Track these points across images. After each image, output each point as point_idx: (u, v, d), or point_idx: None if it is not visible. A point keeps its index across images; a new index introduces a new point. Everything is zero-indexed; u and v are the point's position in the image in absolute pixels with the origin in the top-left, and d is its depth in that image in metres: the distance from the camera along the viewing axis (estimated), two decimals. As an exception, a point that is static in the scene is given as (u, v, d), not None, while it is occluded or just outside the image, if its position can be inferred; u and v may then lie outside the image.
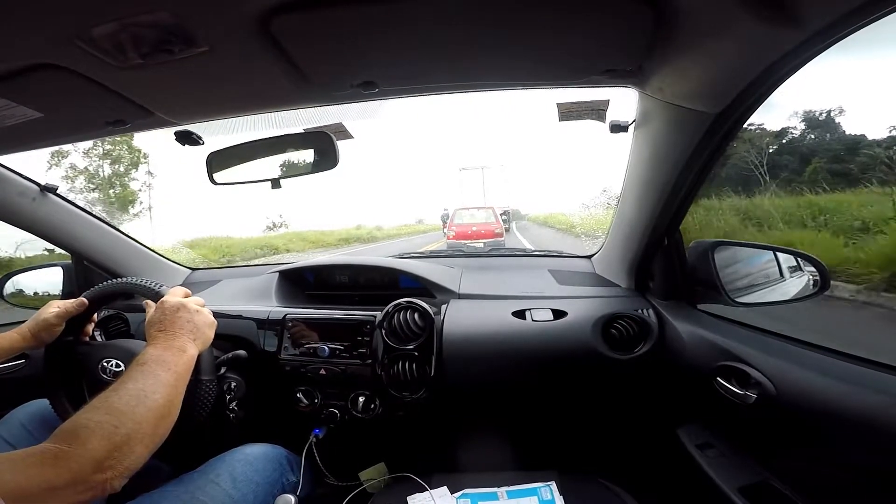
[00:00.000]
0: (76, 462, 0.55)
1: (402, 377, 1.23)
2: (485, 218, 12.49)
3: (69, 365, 1.06)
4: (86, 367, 1.04)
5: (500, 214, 13.44)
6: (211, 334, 0.92)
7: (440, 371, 1.22)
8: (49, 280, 1.63)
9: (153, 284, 1.01)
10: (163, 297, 0.92)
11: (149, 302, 0.94)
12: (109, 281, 1.07)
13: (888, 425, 0.66)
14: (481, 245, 10.48)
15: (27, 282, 1.64)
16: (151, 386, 0.69)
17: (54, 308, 1.03)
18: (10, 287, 1.58)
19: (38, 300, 1.62)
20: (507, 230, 15.68)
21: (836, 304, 2.30)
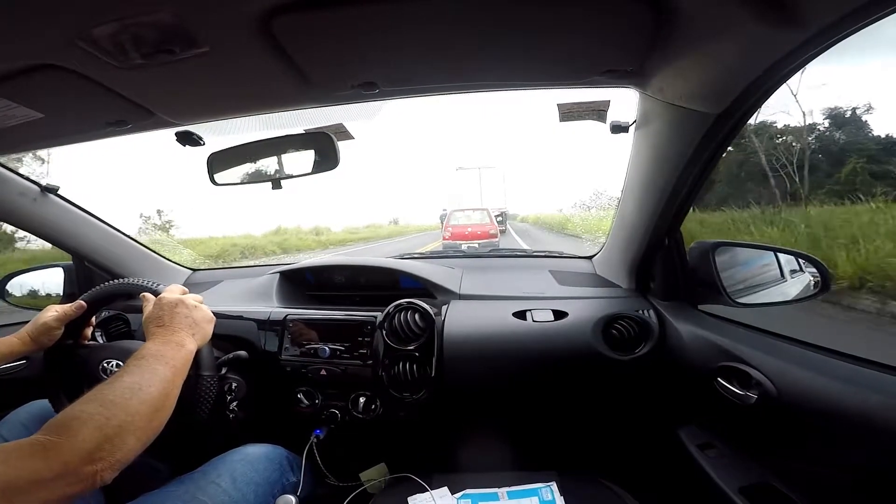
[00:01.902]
0: (66, 453, 0.54)
1: (402, 378, 1.23)
2: (480, 219, 12.58)
3: (70, 367, 1.06)
4: (86, 368, 1.03)
5: (496, 216, 13.53)
6: (210, 329, 0.92)
7: (441, 372, 1.22)
8: (50, 281, 1.63)
9: (150, 284, 1.01)
10: (161, 294, 0.92)
11: (147, 296, 0.93)
12: (107, 283, 1.07)
13: (888, 425, 0.66)
14: (476, 245, 10.58)
15: (28, 282, 1.64)
16: (147, 379, 0.68)
17: (52, 312, 1.02)
18: (10, 287, 1.58)
19: (39, 301, 1.63)
20: (504, 231, 15.68)
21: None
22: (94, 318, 1.13)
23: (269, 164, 1.17)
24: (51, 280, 1.63)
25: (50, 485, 0.52)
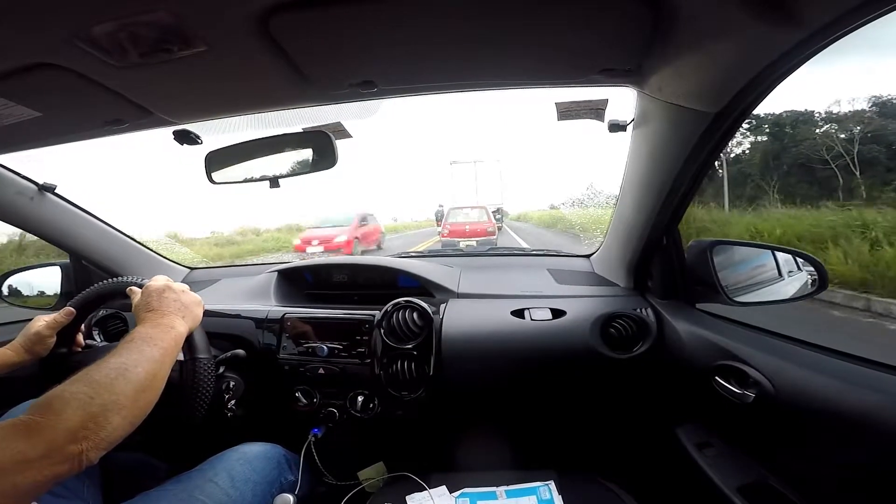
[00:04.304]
0: (49, 432, 0.54)
1: (400, 376, 1.23)
2: (478, 217, 12.80)
3: (68, 370, 1.05)
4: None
5: (493, 213, 13.63)
6: (199, 312, 0.93)
7: (439, 370, 1.22)
8: (47, 280, 1.62)
9: (135, 279, 1.00)
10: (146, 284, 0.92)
11: (134, 290, 0.93)
12: (93, 286, 1.06)
13: (886, 425, 0.66)
14: (474, 243, 10.80)
15: (25, 281, 1.63)
16: (134, 360, 0.69)
17: (42, 321, 1.01)
18: (8, 286, 1.58)
19: (37, 300, 1.62)
20: (500, 229, 15.71)
21: None
22: (84, 325, 1.13)
23: (267, 163, 1.17)
24: (48, 279, 1.62)
25: (36, 464, 0.52)
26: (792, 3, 0.53)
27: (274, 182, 1.18)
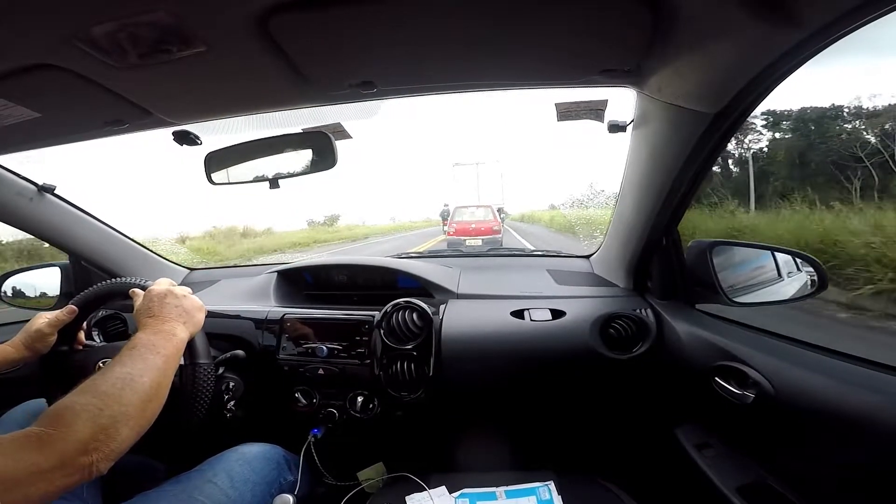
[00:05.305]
0: (61, 444, 0.55)
1: (400, 377, 1.23)
2: (483, 216, 12.97)
3: (67, 370, 1.05)
4: (84, 370, 1.03)
5: (496, 211, 13.77)
6: (201, 317, 0.92)
7: (438, 371, 1.22)
8: (47, 280, 1.62)
9: (138, 280, 1.00)
10: (149, 287, 0.92)
11: (136, 292, 0.93)
12: (95, 285, 1.06)
13: (886, 425, 0.66)
14: (479, 242, 11.04)
15: (25, 282, 1.63)
16: (139, 369, 0.69)
17: (44, 319, 1.01)
18: (7, 287, 1.58)
19: (37, 301, 1.62)
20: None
21: None
22: (84, 324, 1.13)
23: (266, 164, 1.17)
24: (48, 280, 1.62)
25: (48, 476, 0.53)
26: (792, 3, 0.53)
27: (274, 183, 1.18)
